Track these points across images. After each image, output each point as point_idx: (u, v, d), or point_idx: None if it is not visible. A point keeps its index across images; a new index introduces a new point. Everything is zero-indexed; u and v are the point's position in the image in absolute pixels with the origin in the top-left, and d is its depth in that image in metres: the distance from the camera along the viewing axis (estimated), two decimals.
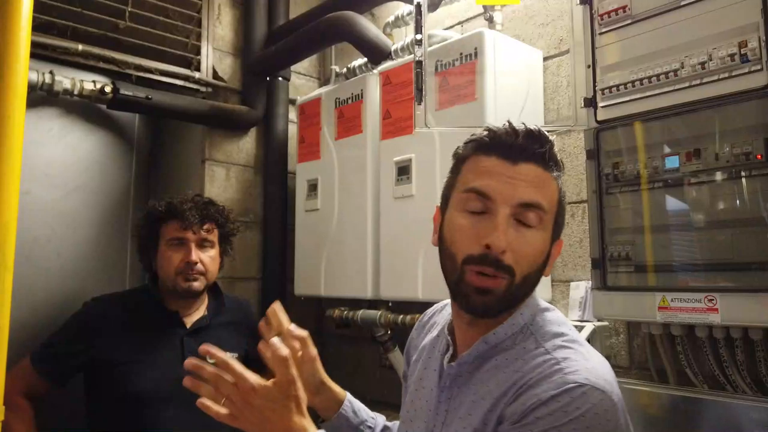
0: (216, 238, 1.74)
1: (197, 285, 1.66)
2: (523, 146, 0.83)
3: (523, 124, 0.86)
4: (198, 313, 1.75)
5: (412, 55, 1.79)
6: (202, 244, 1.70)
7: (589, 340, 1.57)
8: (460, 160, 0.90)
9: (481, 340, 0.86)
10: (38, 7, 1.80)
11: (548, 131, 1.88)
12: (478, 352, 0.87)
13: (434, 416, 0.90)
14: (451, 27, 2.20)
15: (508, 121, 0.86)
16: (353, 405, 1.10)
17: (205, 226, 1.70)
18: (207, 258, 1.69)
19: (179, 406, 1.55)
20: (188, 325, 1.70)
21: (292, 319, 0.99)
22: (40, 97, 2.00)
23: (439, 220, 0.91)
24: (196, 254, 1.66)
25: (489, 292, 0.81)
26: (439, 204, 0.93)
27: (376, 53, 2.09)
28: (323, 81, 2.79)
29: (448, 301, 0.98)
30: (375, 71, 2.14)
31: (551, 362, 0.80)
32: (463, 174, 0.88)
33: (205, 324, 1.72)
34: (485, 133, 0.86)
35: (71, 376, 1.66)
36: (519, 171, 0.82)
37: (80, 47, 2.09)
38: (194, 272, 1.66)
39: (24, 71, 1.39)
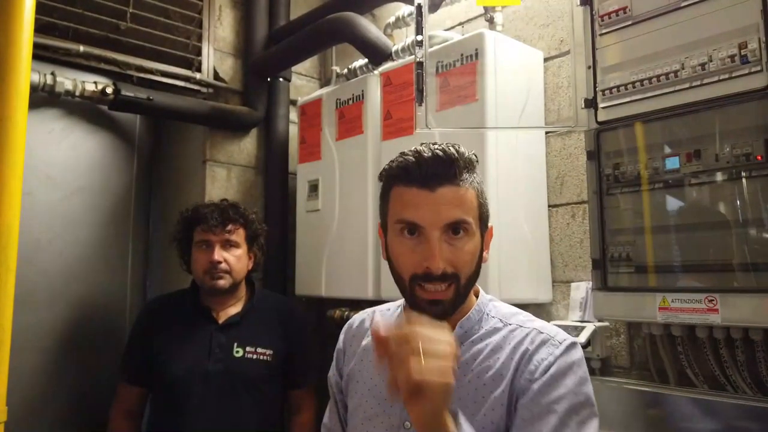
0: (241, 238, 1.85)
1: (223, 283, 1.78)
2: (435, 173, 0.93)
3: (431, 149, 0.94)
4: (233, 309, 1.85)
5: (413, 56, 1.79)
6: (227, 245, 1.81)
7: (589, 341, 1.58)
8: (385, 189, 1.00)
9: (458, 326, 0.98)
10: (39, 9, 1.80)
11: (549, 132, 1.90)
12: (457, 335, 0.97)
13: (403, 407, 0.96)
14: (452, 28, 2.21)
15: (417, 149, 0.95)
16: None
17: (228, 228, 1.80)
18: (232, 257, 1.80)
19: (206, 395, 1.70)
20: (220, 321, 1.81)
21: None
22: (42, 98, 2.00)
23: (383, 239, 1.02)
24: (219, 254, 1.78)
25: (440, 302, 0.93)
26: (380, 221, 1.04)
27: (376, 54, 2.09)
28: (324, 82, 2.79)
29: (375, 308, 1.15)
30: (376, 72, 2.15)
31: (533, 332, 0.96)
32: (392, 204, 0.98)
33: (236, 320, 1.81)
34: (401, 164, 0.95)
35: (151, 373, 1.79)
36: (439, 196, 0.92)
37: (81, 48, 2.10)
38: (219, 271, 1.78)
39: (26, 72, 1.39)
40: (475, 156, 0.98)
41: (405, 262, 0.94)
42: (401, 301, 1.09)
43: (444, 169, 0.93)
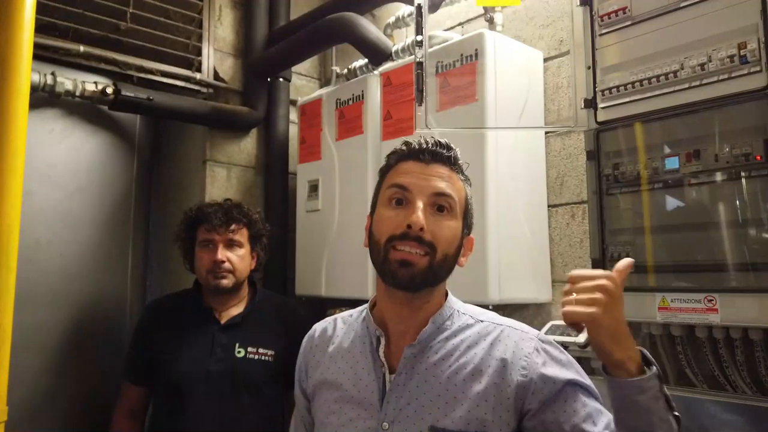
0: (245, 238, 1.85)
1: (226, 282, 1.79)
2: (433, 151, 1.02)
3: (432, 137, 1.04)
4: (236, 309, 1.85)
5: (413, 56, 1.79)
6: (231, 245, 1.81)
7: (589, 341, 1.58)
8: (385, 171, 1.07)
9: (431, 321, 1.00)
10: (40, 9, 1.80)
11: (549, 132, 1.90)
12: (431, 330, 1.00)
13: (385, 405, 0.98)
14: (452, 28, 2.21)
15: (421, 135, 1.05)
16: None
17: (232, 227, 1.81)
18: (235, 257, 1.81)
19: (207, 395, 1.70)
20: (222, 321, 1.81)
21: None
22: (42, 98, 2.01)
23: (369, 225, 1.06)
24: (222, 254, 1.78)
25: (411, 264, 0.94)
26: (369, 212, 1.08)
27: (376, 54, 2.09)
28: (324, 82, 2.79)
29: (336, 315, 1.18)
30: (376, 72, 2.15)
31: (507, 330, 1.00)
32: (387, 179, 1.05)
33: (238, 321, 1.82)
34: (405, 144, 1.05)
35: (153, 373, 1.79)
36: (431, 169, 1.01)
37: (82, 48, 2.10)
38: (222, 270, 1.78)
39: (27, 72, 1.40)
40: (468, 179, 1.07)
41: (386, 225, 0.98)
42: (364, 306, 1.12)
43: (441, 149, 1.02)
